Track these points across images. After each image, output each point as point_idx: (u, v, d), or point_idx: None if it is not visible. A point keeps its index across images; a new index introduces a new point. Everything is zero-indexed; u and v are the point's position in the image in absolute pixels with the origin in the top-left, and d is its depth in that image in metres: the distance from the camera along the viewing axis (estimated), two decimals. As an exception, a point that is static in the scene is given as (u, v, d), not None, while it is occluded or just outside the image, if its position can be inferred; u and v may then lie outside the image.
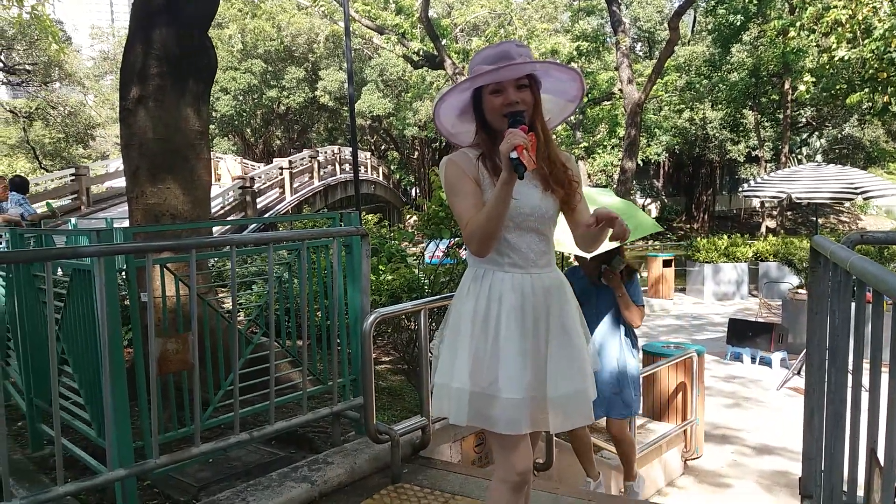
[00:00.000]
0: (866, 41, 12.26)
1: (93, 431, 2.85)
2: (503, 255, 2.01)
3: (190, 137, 4.50)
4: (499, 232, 1.93)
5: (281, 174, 21.79)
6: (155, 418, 2.63)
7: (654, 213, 38.03)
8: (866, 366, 1.67)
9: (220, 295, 5.13)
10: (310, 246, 3.61)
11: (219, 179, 22.81)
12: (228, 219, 17.40)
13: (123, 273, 3.85)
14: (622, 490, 5.29)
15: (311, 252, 3.69)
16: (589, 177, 25.52)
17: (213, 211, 16.86)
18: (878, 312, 1.52)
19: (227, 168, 23.16)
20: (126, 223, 5.38)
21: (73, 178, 18.65)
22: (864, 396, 1.70)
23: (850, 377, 1.84)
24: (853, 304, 1.80)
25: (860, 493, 1.72)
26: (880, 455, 1.47)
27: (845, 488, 1.86)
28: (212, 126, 35.22)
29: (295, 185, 22.27)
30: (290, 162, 22.52)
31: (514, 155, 1.78)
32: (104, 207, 18.57)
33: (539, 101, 2.02)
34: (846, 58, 12.92)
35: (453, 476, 3.31)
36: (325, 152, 27.05)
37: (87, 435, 2.93)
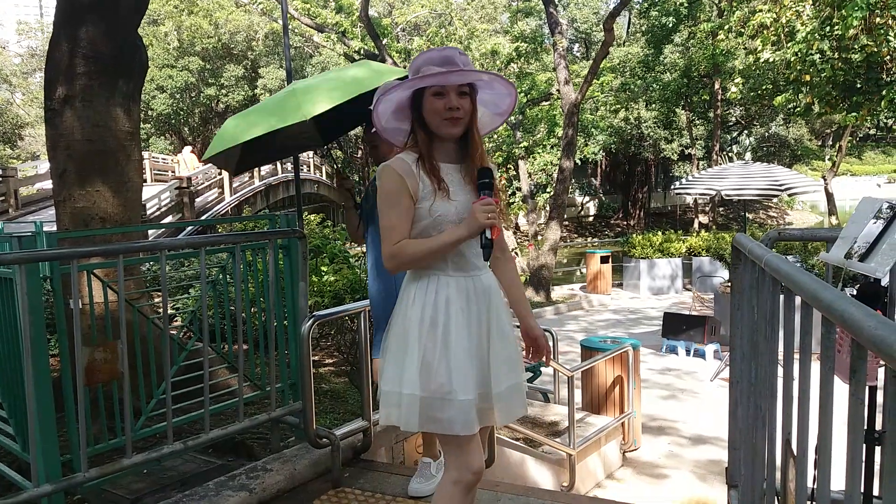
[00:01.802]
0: (789, 44, 12.79)
1: (17, 446, 2.75)
2: (447, 261, 2.03)
3: (120, 138, 4.36)
4: (424, 266, 2.02)
5: (220, 174, 21.30)
6: (83, 430, 2.55)
7: (593, 210, 38.85)
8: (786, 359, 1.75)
9: (157, 300, 5.01)
10: (246, 248, 3.55)
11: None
12: (164, 221, 16.96)
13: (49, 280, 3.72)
14: (562, 485, 5.38)
15: (248, 255, 3.63)
16: (530, 175, 25.81)
17: (148, 213, 16.41)
18: (789, 308, 1.60)
19: (185, 161, 22.82)
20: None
21: (1, 179, 17.85)
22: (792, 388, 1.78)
23: (769, 370, 1.92)
24: (770, 300, 1.88)
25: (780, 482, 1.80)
26: (795, 445, 1.55)
27: (766, 477, 1.95)
28: (148, 125, 34.21)
29: (235, 185, 21.79)
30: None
31: (487, 234, 1.87)
32: (34, 210, 17.82)
33: (476, 109, 2.05)
34: (771, 60, 13.45)
35: (395, 478, 3.32)
36: (265, 152, 26.52)
37: (10, 449, 2.82)
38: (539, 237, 19.22)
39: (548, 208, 20.23)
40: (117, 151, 4.33)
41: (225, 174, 21.18)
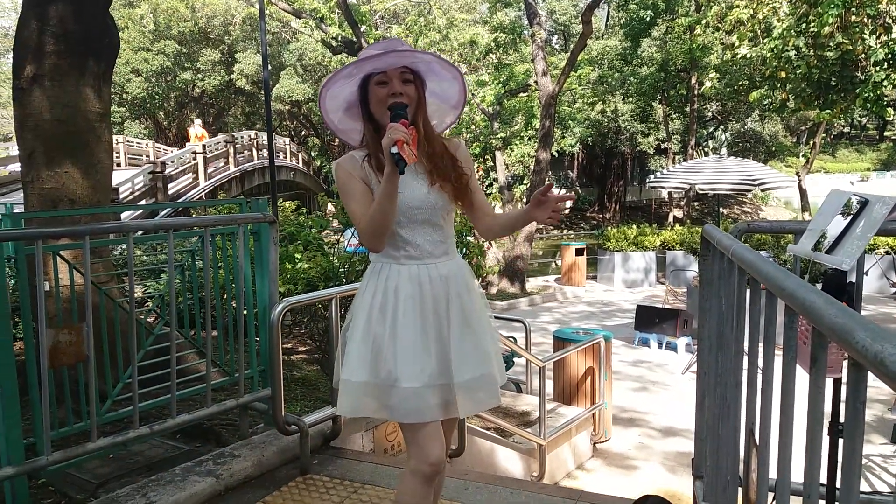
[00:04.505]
0: (766, 40, 12.91)
1: (-22, 429, 2.69)
2: (398, 249, 2.03)
3: (90, 119, 4.28)
4: (389, 226, 1.94)
5: (194, 159, 21.04)
6: (47, 413, 2.51)
7: (569, 203, 38.98)
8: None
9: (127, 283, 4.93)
10: (217, 233, 3.51)
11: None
12: (138, 204, 16.73)
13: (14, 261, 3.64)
14: (532, 475, 5.43)
15: (219, 240, 3.59)
16: (507, 167, 25.85)
17: (121, 197, 16.15)
18: (755, 298, 1.62)
19: (195, 134, 23.51)
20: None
21: (-32, 160, 17.43)
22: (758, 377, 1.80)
23: (735, 361, 1.94)
24: (737, 290, 1.89)
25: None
26: (757, 435, 1.57)
27: (731, 467, 1.97)
28: (122, 108, 33.66)
29: (209, 171, 21.54)
30: (203, 146, 21.79)
31: (394, 150, 1.79)
32: (4, 193, 17.44)
33: (423, 99, 2.05)
34: (747, 55, 13.59)
35: (363, 465, 3.32)
36: (242, 137, 26.31)
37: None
38: (515, 228, 19.23)
39: (524, 199, 20.27)
40: (87, 132, 4.25)
41: (200, 159, 20.93)
